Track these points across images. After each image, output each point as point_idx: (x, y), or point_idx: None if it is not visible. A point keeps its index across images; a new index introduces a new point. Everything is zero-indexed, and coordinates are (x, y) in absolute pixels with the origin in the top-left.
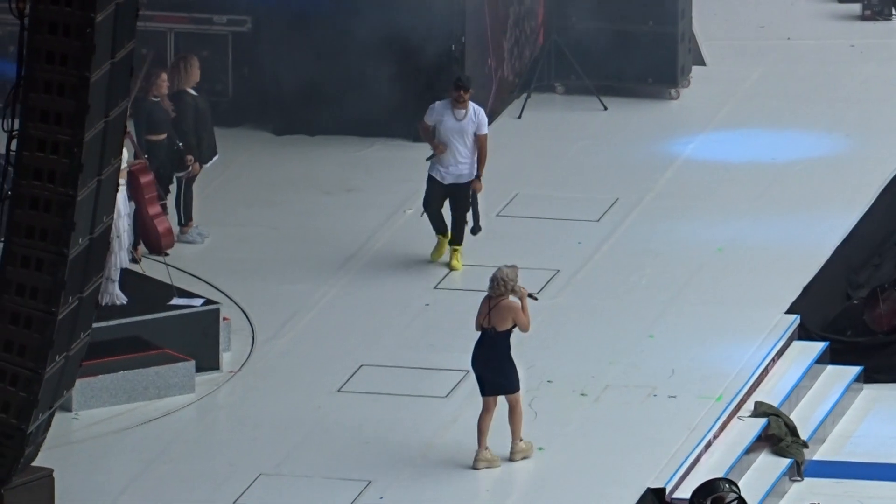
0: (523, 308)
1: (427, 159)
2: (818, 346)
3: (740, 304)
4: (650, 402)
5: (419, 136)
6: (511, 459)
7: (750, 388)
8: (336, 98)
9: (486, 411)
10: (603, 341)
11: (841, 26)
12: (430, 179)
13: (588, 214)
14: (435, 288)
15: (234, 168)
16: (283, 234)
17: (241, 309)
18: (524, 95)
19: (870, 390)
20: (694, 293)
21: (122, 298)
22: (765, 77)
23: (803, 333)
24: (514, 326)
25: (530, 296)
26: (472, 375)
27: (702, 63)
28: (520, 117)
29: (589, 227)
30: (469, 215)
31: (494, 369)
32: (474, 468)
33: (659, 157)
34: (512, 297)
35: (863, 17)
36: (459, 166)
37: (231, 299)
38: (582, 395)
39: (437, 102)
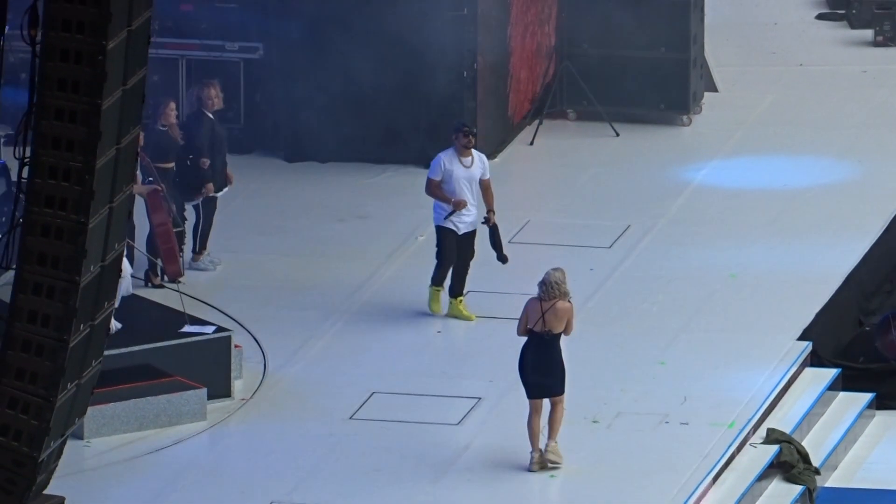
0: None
1: (447, 217)
2: (830, 373)
3: (752, 330)
4: (662, 429)
5: (429, 191)
6: (546, 457)
7: (762, 415)
8: (347, 125)
9: (535, 413)
10: (615, 368)
11: (853, 52)
12: (445, 232)
13: (600, 241)
14: (447, 315)
15: (246, 195)
16: (295, 261)
17: (253, 336)
18: (536, 122)
19: (882, 417)
20: (706, 319)
21: (115, 325)
22: (777, 103)
23: (815, 360)
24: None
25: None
26: (485, 402)
27: (714, 89)
28: (532, 143)
29: (601, 253)
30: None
31: (547, 373)
32: (530, 471)
33: (671, 183)
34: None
35: (875, 43)
36: (472, 214)
37: (243, 326)
38: (594, 421)
39: (441, 155)
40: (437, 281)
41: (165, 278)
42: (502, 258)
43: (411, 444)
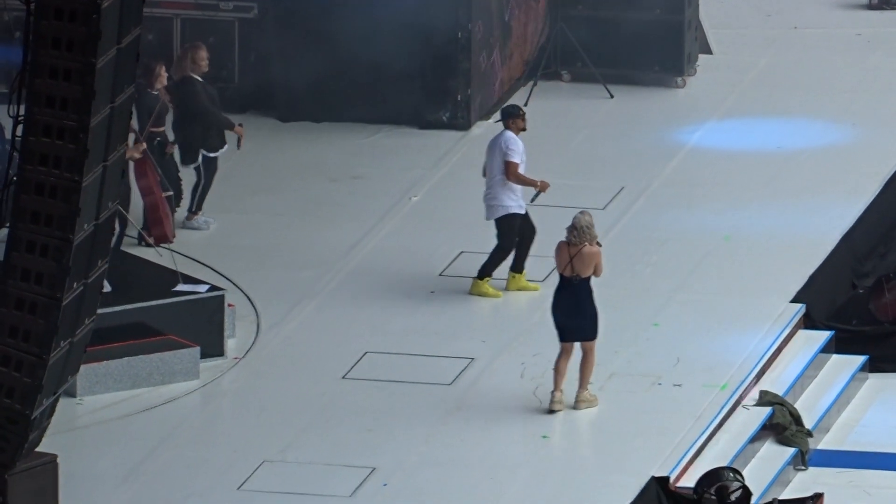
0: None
1: (532, 201)
2: (823, 336)
3: (746, 292)
4: (655, 391)
5: (514, 176)
6: (575, 407)
7: (755, 377)
8: (342, 85)
9: (564, 354)
10: (608, 329)
11: (848, 15)
12: (515, 218)
13: (594, 202)
14: (440, 275)
15: (240, 155)
16: (289, 221)
17: (247, 295)
18: (530, 83)
19: (875, 379)
20: (699, 282)
21: (105, 286)
22: (771, 66)
23: (809, 322)
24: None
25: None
26: (478, 363)
27: (708, 51)
28: (526, 105)
29: (595, 215)
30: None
31: (576, 315)
32: (551, 411)
33: (665, 145)
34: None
35: (870, 6)
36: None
37: (236, 286)
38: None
39: (514, 137)
40: (488, 273)
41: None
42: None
43: (404, 404)
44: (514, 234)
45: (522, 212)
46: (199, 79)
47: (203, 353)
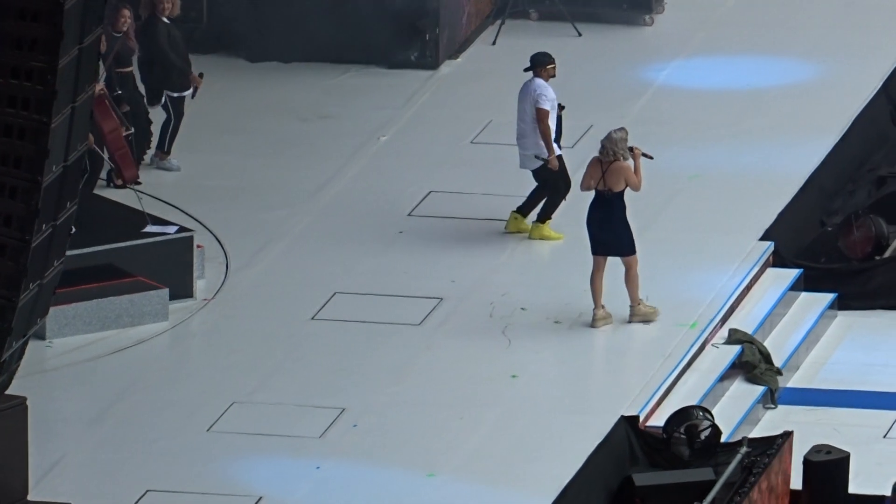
0: (636, 168)
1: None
2: (792, 273)
3: (714, 231)
4: (624, 330)
5: (544, 125)
6: (630, 321)
7: (724, 316)
8: (310, 25)
9: (597, 270)
10: (577, 269)
11: None
12: (559, 160)
13: (563, 141)
14: (409, 215)
15: (209, 95)
16: (258, 162)
17: (215, 236)
18: (498, 22)
19: (844, 317)
20: (668, 220)
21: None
22: (740, 3)
23: (778, 260)
24: (626, 186)
25: (644, 155)
26: (447, 303)
27: None
28: (494, 44)
29: (564, 153)
30: None
31: (609, 230)
32: (593, 327)
33: (633, 83)
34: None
35: None
36: None
37: (205, 226)
38: (556, 322)
39: (545, 84)
40: (547, 216)
41: (121, 182)
42: None
43: (373, 344)
44: (562, 178)
45: (557, 153)
46: (166, 20)
47: (172, 294)
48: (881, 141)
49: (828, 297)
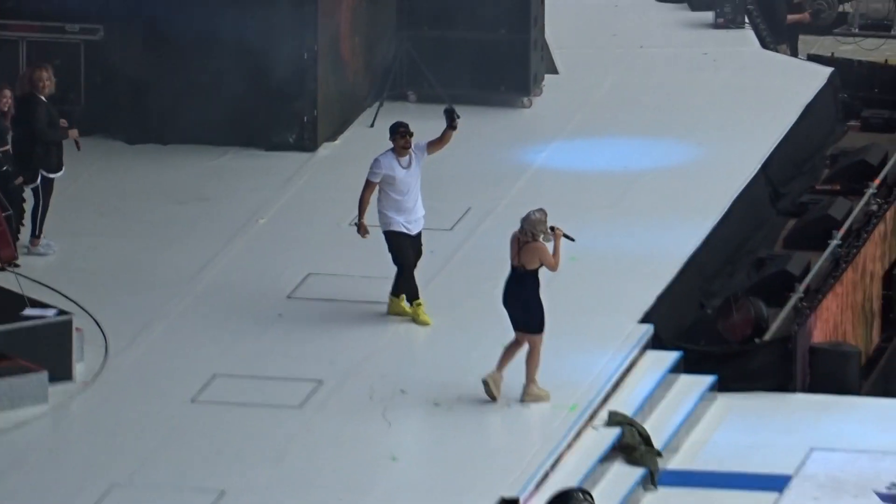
0: (556, 248)
1: (353, 223)
2: (672, 356)
3: (594, 313)
4: (504, 412)
5: (363, 195)
6: (522, 401)
7: (604, 398)
8: (189, 107)
9: (516, 343)
10: (456, 351)
11: (694, 34)
12: (395, 235)
13: (441, 223)
14: (288, 297)
15: (86, 177)
16: (136, 244)
17: (94, 319)
18: (377, 104)
19: (724, 399)
20: (547, 302)
21: None
22: (617, 85)
23: (657, 343)
24: (541, 266)
25: (566, 236)
26: (326, 385)
27: (555, 71)
28: (372, 126)
29: (442, 235)
30: None
31: (519, 306)
32: (484, 382)
33: (512, 165)
34: (542, 239)
35: (716, 25)
36: (421, 211)
37: (83, 309)
38: (435, 404)
39: (380, 158)
40: (401, 290)
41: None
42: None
43: (252, 427)
44: (402, 254)
45: (411, 233)
46: (43, 99)
47: (51, 377)
48: (760, 223)
49: (708, 380)
